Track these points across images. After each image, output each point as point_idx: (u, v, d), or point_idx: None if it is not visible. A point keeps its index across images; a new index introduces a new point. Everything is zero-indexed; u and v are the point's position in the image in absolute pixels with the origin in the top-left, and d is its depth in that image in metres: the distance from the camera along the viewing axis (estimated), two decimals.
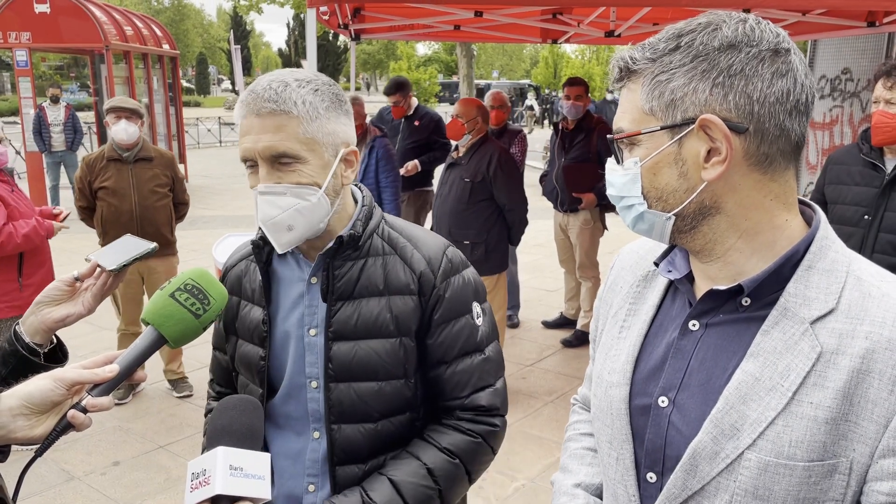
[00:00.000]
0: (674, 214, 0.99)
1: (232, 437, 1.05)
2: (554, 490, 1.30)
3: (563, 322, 6.08)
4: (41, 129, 10.66)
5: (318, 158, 1.35)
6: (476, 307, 1.51)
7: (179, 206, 4.76)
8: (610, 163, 1.06)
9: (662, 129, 0.96)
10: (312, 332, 1.45)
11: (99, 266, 1.38)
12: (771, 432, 0.93)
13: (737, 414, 0.95)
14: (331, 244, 1.43)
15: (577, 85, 5.47)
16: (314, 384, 1.46)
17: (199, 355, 5.29)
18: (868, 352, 0.90)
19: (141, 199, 4.44)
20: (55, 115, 10.78)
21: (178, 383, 4.82)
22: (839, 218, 3.34)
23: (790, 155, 0.96)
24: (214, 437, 1.06)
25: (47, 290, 1.34)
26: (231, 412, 1.09)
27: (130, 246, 1.45)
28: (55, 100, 10.86)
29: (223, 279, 1.61)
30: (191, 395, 4.78)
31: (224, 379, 1.67)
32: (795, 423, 0.92)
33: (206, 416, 1.71)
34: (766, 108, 0.92)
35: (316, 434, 1.48)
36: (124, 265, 1.38)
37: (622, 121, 1.01)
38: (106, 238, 4.52)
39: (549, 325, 6.12)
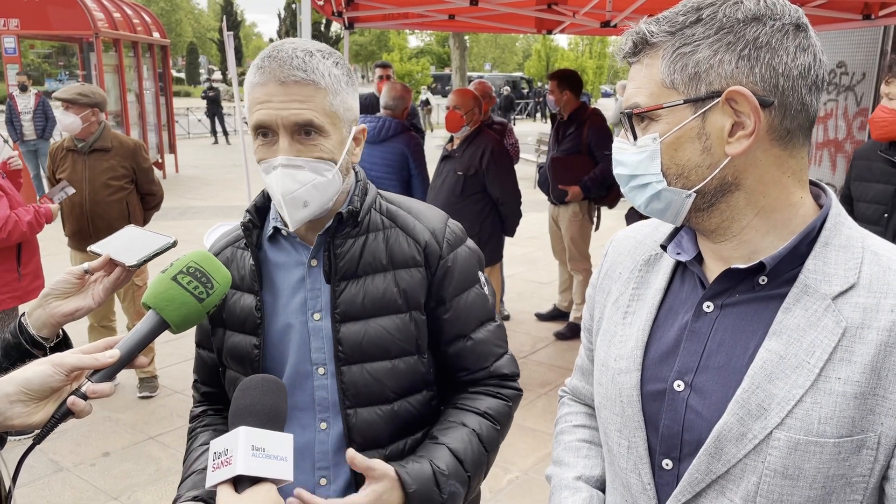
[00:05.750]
0: (695, 191, 0.98)
1: (255, 418, 1.03)
2: (553, 485, 1.26)
3: (557, 314, 6.07)
4: (12, 118, 10.54)
5: (337, 133, 1.32)
6: (481, 276, 1.51)
7: (147, 198, 4.50)
8: (618, 142, 1.04)
9: (686, 102, 0.95)
10: (317, 316, 1.40)
11: (112, 260, 1.34)
12: (799, 410, 0.92)
13: (763, 393, 0.94)
14: (330, 223, 1.38)
15: (554, 78, 5.44)
16: (321, 370, 1.40)
17: (189, 344, 5.25)
18: (895, 325, 0.90)
19: (92, 192, 4.24)
20: (25, 103, 10.63)
21: (144, 382, 4.60)
22: (861, 216, 3.27)
23: (807, 131, 0.97)
24: (237, 416, 1.04)
25: (56, 283, 1.30)
26: (254, 392, 1.07)
27: (144, 240, 1.40)
28: (23, 88, 10.69)
29: None
30: (152, 397, 4.57)
31: (210, 378, 1.57)
32: (824, 400, 0.91)
33: (191, 421, 1.58)
34: (790, 81, 0.93)
35: (323, 425, 1.41)
36: (144, 261, 1.35)
37: (638, 96, 0.99)
38: (66, 229, 4.39)
39: (542, 317, 6.11)
